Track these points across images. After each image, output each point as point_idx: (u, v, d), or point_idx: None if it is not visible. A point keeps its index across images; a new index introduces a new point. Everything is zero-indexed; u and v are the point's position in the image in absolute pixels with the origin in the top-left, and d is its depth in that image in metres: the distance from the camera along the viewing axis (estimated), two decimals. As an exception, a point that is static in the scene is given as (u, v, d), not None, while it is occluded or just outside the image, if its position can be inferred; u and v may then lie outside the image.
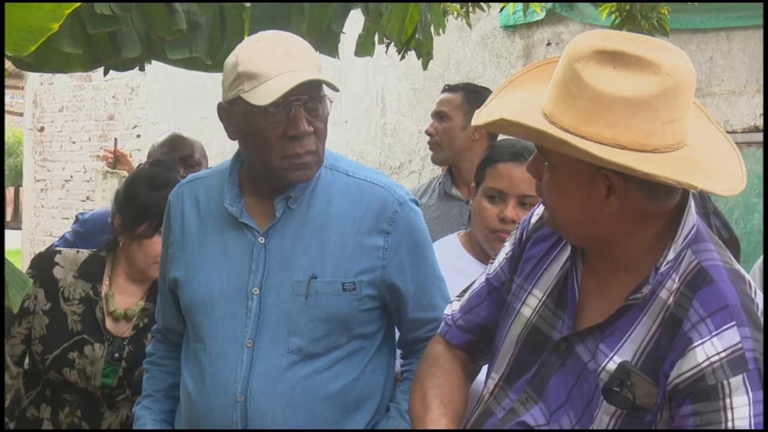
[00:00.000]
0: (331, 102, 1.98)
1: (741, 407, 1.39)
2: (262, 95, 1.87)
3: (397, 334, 2.15)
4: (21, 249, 10.68)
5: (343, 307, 1.97)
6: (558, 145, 1.45)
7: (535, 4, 5.22)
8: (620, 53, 1.43)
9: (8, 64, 3.29)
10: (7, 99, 17.69)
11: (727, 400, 1.40)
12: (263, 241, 1.99)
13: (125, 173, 5.48)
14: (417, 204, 2.08)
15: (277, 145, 1.92)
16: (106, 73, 3.15)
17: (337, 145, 7.09)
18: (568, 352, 1.56)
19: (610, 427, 1.49)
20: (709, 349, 1.42)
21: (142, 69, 3.16)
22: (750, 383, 1.39)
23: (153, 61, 3.15)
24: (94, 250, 2.72)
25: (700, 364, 1.42)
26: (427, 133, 3.43)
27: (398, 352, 2.17)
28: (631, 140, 1.41)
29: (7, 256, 1.83)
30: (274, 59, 1.90)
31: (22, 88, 11.50)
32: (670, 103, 1.42)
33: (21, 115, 12.65)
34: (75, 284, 2.62)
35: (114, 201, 2.71)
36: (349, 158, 2.18)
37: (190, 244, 2.06)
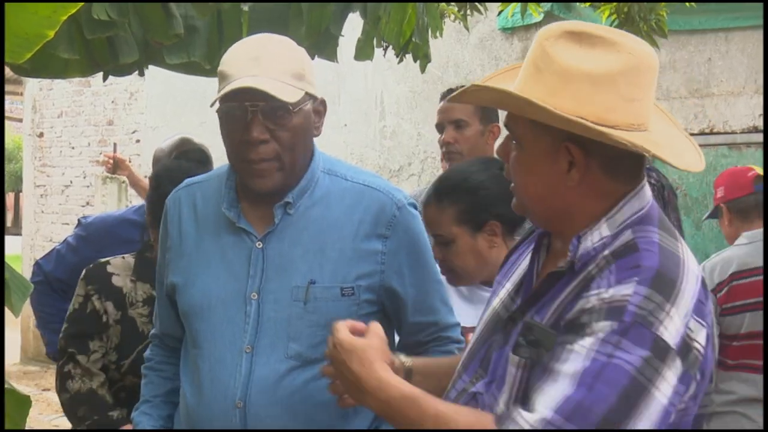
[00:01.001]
0: (290, 108, 1.92)
1: (590, 340, 1.39)
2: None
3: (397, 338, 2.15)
4: (21, 254, 10.67)
5: (342, 312, 1.96)
6: (522, 107, 1.51)
7: (532, 6, 5.21)
8: (587, 33, 1.51)
9: (6, 70, 3.28)
10: (7, 105, 17.69)
11: (578, 343, 1.40)
12: (261, 246, 1.99)
13: (125, 178, 5.48)
14: (415, 207, 2.07)
15: (236, 149, 1.95)
16: (105, 78, 3.15)
17: (337, 149, 7.08)
18: (513, 329, 1.60)
19: (518, 380, 1.52)
20: (602, 295, 1.43)
21: (141, 74, 3.16)
22: (613, 329, 1.39)
23: (151, 66, 3.15)
24: (134, 252, 2.77)
25: (584, 307, 1.44)
26: (446, 142, 3.33)
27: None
28: (592, 113, 1.47)
29: (7, 261, 1.83)
30: (241, 62, 1.92)
31: (21, 94, 11.49)
32: (631, 81, 1.49)
33: (20, 120, 12.65)
34: (135, 288, 2.70)
35: (147, 200, 2.77)
36: (347, 162, 2.18)
37: (188, 249, 2.06)
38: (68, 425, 2.88)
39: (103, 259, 2.79)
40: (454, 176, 2.43)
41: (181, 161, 2.83)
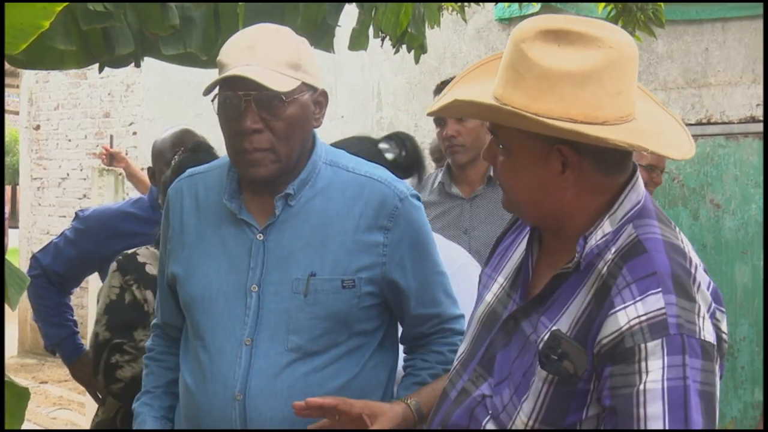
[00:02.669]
0: (283, 98, 1.90)
1: (655, 371, 1.38)
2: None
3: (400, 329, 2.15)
4: (18, 248, 10.66)
5: (343, 304, 1.96)
6: (511, 119, 1.47)
7: None
8: (563, 31, 1.47)
9: (2, 62, 3.26)
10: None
11: (642, 364, 1.39)
12: (262, 238, 1.98)
13: (121, 171, 5.48)
14: (418, 199, 2.06)
15: (231, 139, 1.94)
16: (101, 70, 3.14)
17: (334, 140, 7.06)
18: (515, 329, 1.59)
19: (543, 393, 1.50)
20: (631, 312, 1.42)
21: (137, 65, 3.15)
22: (668, 347, 1.39)
23: (148, 58, 3.14)
24: (153, 243, 2.77)
25: (621, 328, 1.42)
26: (449, 136, 3.30)
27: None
28: (581, 113, 1.45)
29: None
30: (236, 51, 1.91)
31: (18, 87, 11.46)
32: (615, 75, 1.46)
33: (17, 113, 12.62)
34: None
35: (162, 191, 2.76)
36: (349, 154, 2.17)
37: (189, 239, 2.06)
38: (66, 418, 2.88)
39: (129, 251, 2.79)
40: None
41: (200, 154, 2.84)
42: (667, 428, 1.36)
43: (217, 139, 2.28)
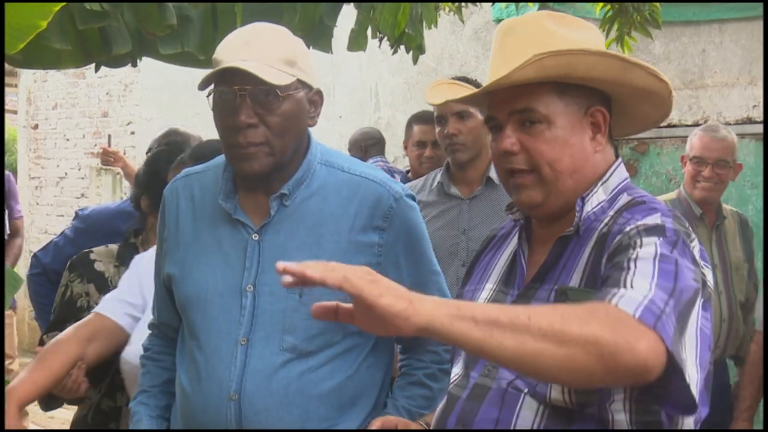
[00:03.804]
0: (278, 93, 1.91)
1: (648, 247, 1.41)
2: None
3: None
4: (16, 247, 10.65)
5: None
6: (603, 62, 1.55)
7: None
8: (558, 16, 1.64)
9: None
10: (1, 97, 17.54)
11: (638, 250, 1.42)
12: (257, 239, 1.98)
13: (119, 170, 5.48)
14: (413, 199, 2.07)
15: (225, 134, 1.94)
16: (97, 69, 3.14)
17: (331, 140, 7.07)
18: None
19: None
20: (636, 223, 1.48)
21: (134, 65, 3.15)
22: (663, 241, 1.42)
23: (145, 58, 3.15)
24: (121, 242, 2.81)
25: (621, 240, 1.47)
26: (449, 134, 3.30)
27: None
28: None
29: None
30: (232, 47, 1.92)
31: (16, 86, 11.44)
32: None
33: (15, 112, 12.60)
34: (117, 273, 2.74)
35: (136, 185, 2.80)
36: (345, 154, 2.18)
37: (185, 239, 2.06)
38: (64, 417, 2.90)
39: (87, 249, 2.82)
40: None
41: (171, 147, 2.89)
42: (653, 283, 1.34)
43: (214, 138, 2.29)
